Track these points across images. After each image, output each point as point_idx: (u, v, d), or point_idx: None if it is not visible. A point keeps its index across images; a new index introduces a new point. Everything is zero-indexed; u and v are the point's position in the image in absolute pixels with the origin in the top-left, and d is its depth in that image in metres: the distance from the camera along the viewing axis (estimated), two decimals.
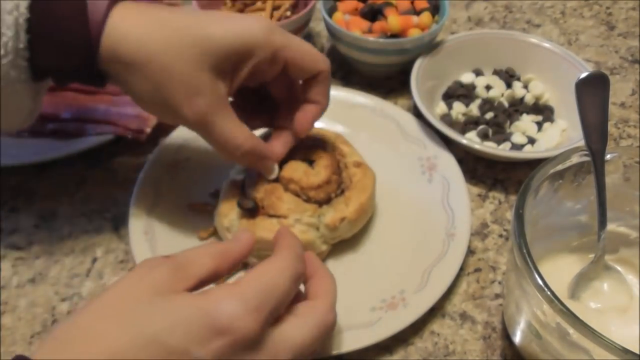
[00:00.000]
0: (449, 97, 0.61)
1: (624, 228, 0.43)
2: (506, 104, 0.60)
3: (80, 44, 0.38)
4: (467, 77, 0.63)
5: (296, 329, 0.33)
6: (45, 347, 0.29)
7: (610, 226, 0.41)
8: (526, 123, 0.58)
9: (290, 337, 0.32)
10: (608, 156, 0.40)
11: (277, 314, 0.32)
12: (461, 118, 0.59)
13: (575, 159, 0.40)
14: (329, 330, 0.35)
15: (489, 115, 0.59)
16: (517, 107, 0.59)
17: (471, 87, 0.61)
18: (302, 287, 0.37)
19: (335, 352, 0.41)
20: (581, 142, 0.40)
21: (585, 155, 0.40)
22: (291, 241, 0.37)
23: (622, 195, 0.42)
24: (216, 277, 0.34)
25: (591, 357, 0.32)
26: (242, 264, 0.47)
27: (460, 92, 0.60)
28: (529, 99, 0.60)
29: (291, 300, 0.34)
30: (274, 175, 0.46)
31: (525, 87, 0.62)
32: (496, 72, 0.63)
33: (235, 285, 0.31)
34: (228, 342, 0.29)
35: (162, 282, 0.31)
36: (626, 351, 0.30)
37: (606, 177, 0.39)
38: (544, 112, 0.59)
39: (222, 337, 0.29)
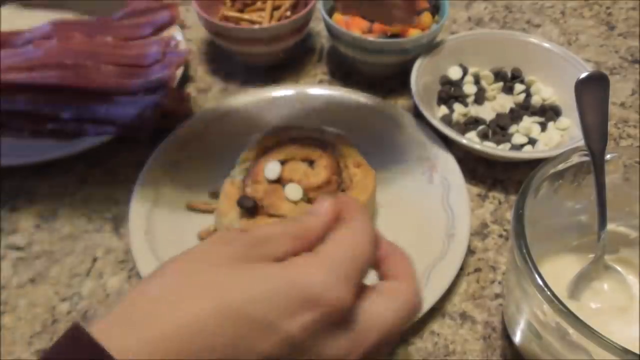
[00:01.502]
0: (444, 99, 0.61)
1: (624, 228, 0.43)
2: (513, 106, 0.60)
3: None
4: (459, 75, 0.63)
5: (385, 306, 0.29)
6: (122, 310, 0.25)
7: (610, 226, 0.41)
8: (529, 124, 0.57)
9: (380, 314, 0.28)
10: (608, 156, 0.40)
11: (359, 286, 0.29)
12: (461, 119, 0.59)
13: (575, 159, 0.40)
14: (415, 315, 0.30)
15: (492, 116, 0.59)
16: (523, 110, 0.59)
17: (460, 84, 0.62)
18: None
19: None
20: (581, 142, 0.40)
21: (585, 155, 0.40)
22: (360, 206, 0.32)
23: (622, 195, 0.41)
24: (292, 256, 0.29)
25: (591, 357, 0.32)
26: None
27: (454, 94, 0.60)
28: (537, 100, 0.60)
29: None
30: (275, 176, 0.46)
31: (528, 88, 0.61)
32: (496, 72, 0.63)
33: (318, 254, 0.28)
34: (319, 314, 0.26)
35: (240, 255, 0.28)
36: (626, 351, 0.30)
37: (606, 177, 0.39)
38: (547, 112, 0.59)
39: (312, 309, 0.26)
